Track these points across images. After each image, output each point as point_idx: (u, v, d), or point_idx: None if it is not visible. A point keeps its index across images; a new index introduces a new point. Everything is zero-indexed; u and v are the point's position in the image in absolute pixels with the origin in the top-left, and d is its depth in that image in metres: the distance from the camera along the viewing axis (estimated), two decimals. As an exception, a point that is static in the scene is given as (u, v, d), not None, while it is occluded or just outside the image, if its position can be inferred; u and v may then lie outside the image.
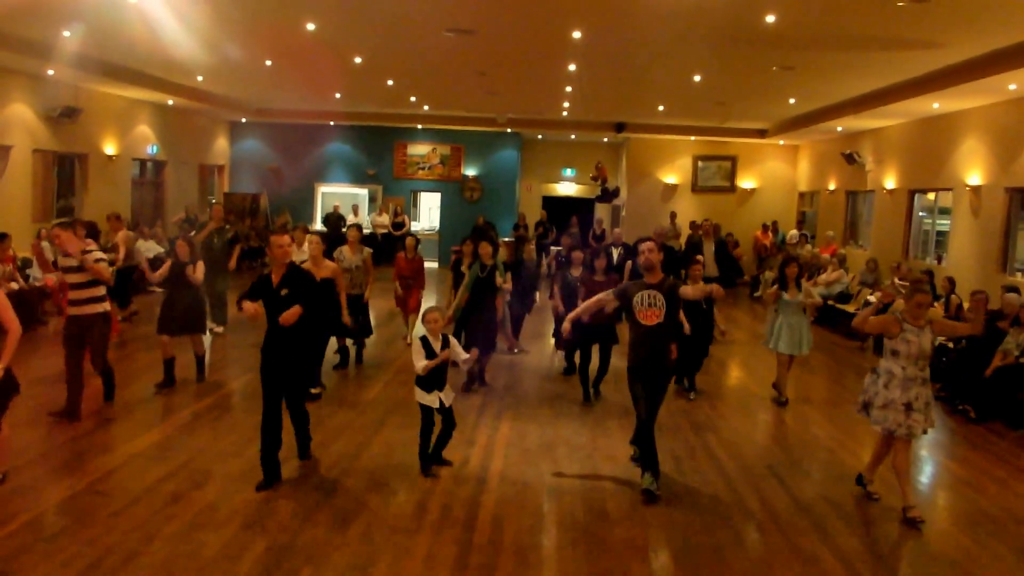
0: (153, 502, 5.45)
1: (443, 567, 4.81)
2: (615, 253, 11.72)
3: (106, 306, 7.33)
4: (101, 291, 7.25)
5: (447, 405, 6.30)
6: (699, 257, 9.28)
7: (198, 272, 8.38)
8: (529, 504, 5.85)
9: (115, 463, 6.19)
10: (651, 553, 5.18)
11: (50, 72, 13.23)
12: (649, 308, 5.91)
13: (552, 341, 11.44)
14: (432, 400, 6.24)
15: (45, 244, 12.14)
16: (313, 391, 8.00)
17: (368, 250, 9.59)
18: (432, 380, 6.20)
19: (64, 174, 15.24)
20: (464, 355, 6.36)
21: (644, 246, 6.10)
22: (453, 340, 6.30)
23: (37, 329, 10.98)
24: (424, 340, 6.19)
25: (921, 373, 5.86)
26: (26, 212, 13.65)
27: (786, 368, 9.00)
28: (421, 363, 6.09)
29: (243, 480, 5.93)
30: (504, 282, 8.99)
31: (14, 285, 10.86)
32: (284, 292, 5.81)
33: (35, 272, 12.06)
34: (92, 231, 8.14)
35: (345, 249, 9.44)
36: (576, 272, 9.49)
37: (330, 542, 5.00)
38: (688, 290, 6.19)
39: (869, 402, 6.11)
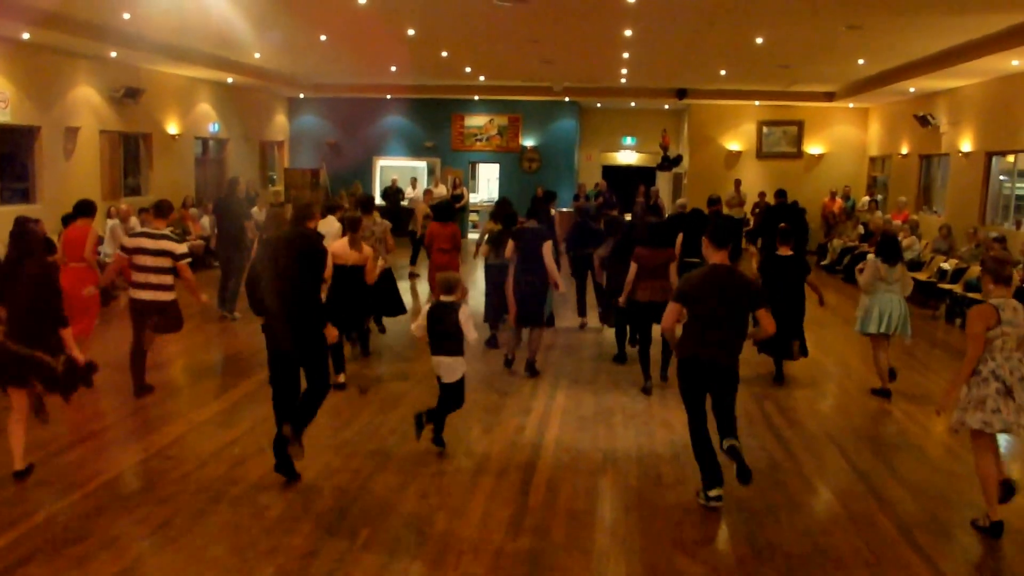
0: (219, 466, 5.68)
1: (498, 528, 4.90)
2: None
3: None
4: None
5: (443, 380, 5.97)
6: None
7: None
8: (584, 470, 5.90)
9: (182, 430, 6.45)
10: (704, 517, 5.17)
11: (113, 54, 13.56)
12: None
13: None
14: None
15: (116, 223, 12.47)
16: (339, 379, 7.46)
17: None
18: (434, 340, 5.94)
19: (130, 154, 15.69)
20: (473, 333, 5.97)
21: None
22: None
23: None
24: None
25: None
26: (95, 191, 13.95)
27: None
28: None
29: (305, 446, 6.09)
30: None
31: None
32: None
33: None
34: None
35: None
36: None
37: (388, 505, 5.13)
38: None
39: None
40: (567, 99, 21.15)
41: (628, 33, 12.09)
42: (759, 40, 12.33)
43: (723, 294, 5.13)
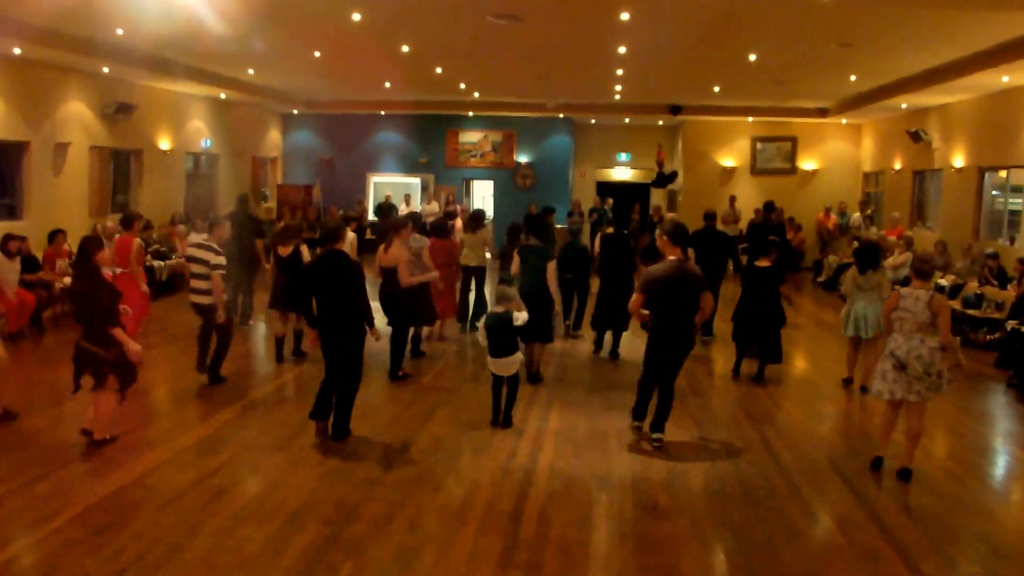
0: (199, 496, 5.47)
1: (488, 562, 4.72)
2: None
3: None
4: None
5: (498, 374, 7.09)
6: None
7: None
8: (577, 498, 5.72)
9: (163, 458, 6.24)
10: (701, 548, 5.01)
11: (105, 70, 13.44)
12: None
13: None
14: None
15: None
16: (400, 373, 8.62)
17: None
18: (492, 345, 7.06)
19: (120, 169, 15.52)
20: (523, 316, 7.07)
21: None
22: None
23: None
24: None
25: None
26: (83, 208, 13.88)
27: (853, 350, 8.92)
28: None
29: (289, 474, 5.93)
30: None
31: (67, 280, 11.10)
32: None
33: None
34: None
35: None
36: None
37: (373, 536, 4.95)
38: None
39: None
40: (561, 115, 21.10)
41: (622, 50, 12.02)
42: (752, 57, 12.27)
43: (679, 282, 6.57)
